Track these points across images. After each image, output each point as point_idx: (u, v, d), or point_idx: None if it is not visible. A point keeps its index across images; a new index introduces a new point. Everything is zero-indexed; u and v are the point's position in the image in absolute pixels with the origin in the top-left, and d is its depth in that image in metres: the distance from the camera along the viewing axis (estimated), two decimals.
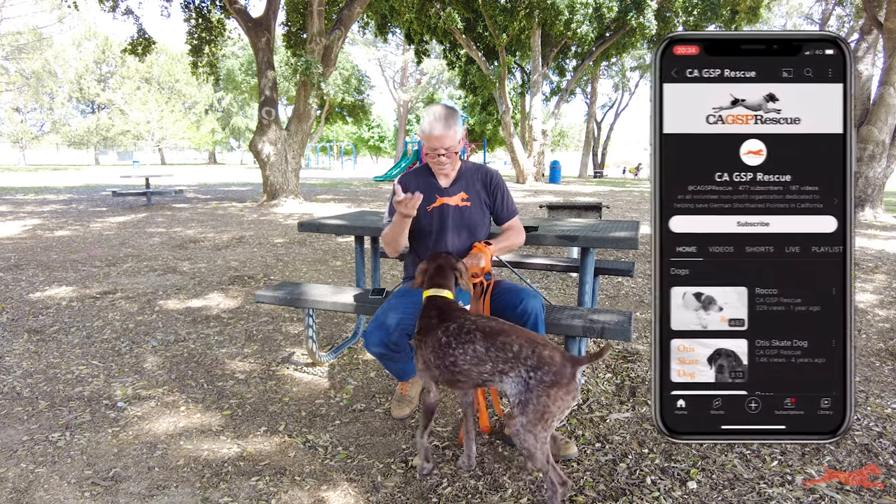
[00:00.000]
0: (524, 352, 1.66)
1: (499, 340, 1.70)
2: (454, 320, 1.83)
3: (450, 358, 1.78)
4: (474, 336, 1.74)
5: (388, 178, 23.54)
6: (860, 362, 3.00)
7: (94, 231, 8.02)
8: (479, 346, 1.73)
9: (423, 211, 2.32)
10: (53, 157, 61.49)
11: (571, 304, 4.25)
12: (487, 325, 1.77)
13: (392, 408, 2.49)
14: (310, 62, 10.68)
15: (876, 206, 9.70)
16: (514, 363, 1.66)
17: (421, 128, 2.26)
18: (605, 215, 9.40)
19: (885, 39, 9.10)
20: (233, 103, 45.93)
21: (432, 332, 1.86)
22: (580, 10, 15.72)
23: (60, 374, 2.93)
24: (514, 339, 1.69)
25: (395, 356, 2.25)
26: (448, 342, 1.79)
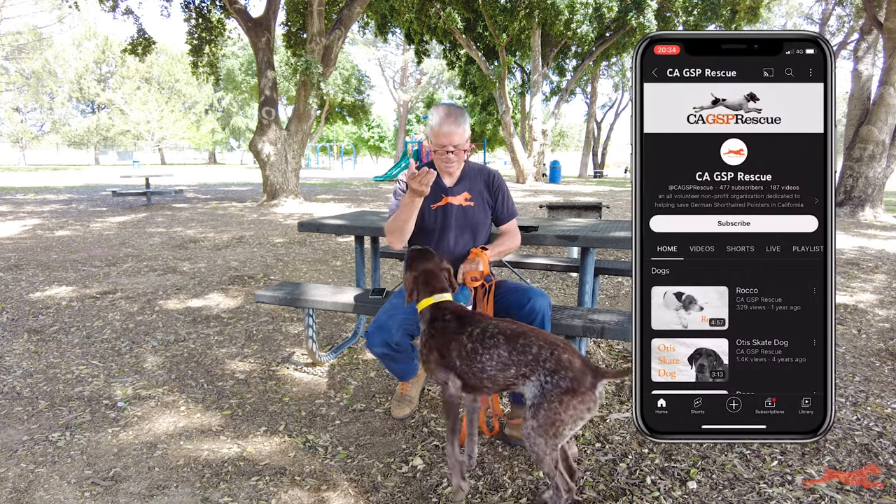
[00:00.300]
0: (543, 354, 1.62)
1: (520, 343, 1.66)
2: (475, 324, 1.78)
3: (477, 364, 1.73)
4: (498, 340, 1.70)
5: (388, 178, 23.54)
6: (860, 362, 3.00)
7: (94, 231, 8.02)
8: (502, 350, 1.68)
9: (427, 209, 2.32)
10: (53, 157, 61.48)
11: (571, 304, 4.25)
12: (509, 327, 1.73)
13: (392, 407, 2.48)
14: (310, 62, 10.68)
15: (876, 206, 9.69)
16: (533, 366, 1.62)
17: (430, 124, 2.25)
18: (605, 215, 9.40)
19: (885, 39, 9.10)
20: (233, 103, 45.92)
21: (455, 338, 1.80)
22: (580, 10, 15.72)
23: (60, 374, 2.93)
24: (533, 340, 1.65)
25: (397, 356, 2.25)
26: (475, 348, 1.73)
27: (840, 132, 22.17)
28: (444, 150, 2.23)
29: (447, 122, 2.20)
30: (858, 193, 9.65)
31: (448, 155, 2.25)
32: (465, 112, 2.28)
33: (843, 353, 3.14)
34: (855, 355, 3.10)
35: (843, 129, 12.55)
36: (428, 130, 2.29)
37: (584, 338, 2.49)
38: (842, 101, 20.00)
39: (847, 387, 2.69)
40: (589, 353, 3.08)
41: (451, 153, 2.24)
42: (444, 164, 2.30)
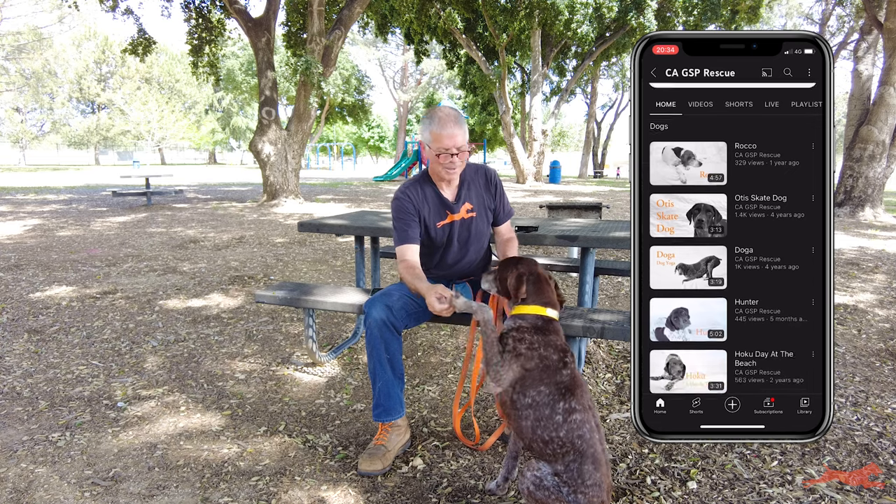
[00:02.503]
0: (571, 467, 1.48)
1: (584, 468, 1.48)
2: (576, 394, 1.57)
3: (546, 434, 1.54)
4: (571, 426, 1.52)
5: (388, 178, 23.53)
6: (860, 362, 3.00)
7: (95, 231, 8.02)
8: (570, 456, 1.51)
9: (434, 227, 2.28)
10: (53, 157, 61.51)
11: (571, 304, 4.25)
12: (593, 435, 1.53)
13: (361, 460, 2.02)
14: (310, 62, 10.68)
15: (876, 205, 9.69)
16: (559, 459, 1.51)
17: (430, 128, 2.12)
18: (605, 215, 9.41)
19: (885, 39, 9.10)
20: (233, 103, 45.91)
21: (544, 380, 1.60)
22: (580, 10, 15.73)
23: (60, 374, 2.93)
24: (587, 462, 1.49)
25: (392, 339, 2.10)
26: (552, 414, 1.55)
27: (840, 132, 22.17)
28: (448, 152, 2.12)
29: (449, 124, 2.09)
30: (858, 193, 9.65)
31: (452, 158, 2.14)
32: (462, 114, 2.24)
33: (843, 353, 3.14)
34: (855, 355, 3.10)
35: (843, 129, 12.54)
36: (426, 136, 2.15)
37: (584, 338, 2.49)
38: (842, 101, 19.99)
39: (847, 387, 2.69)
40: (589, 353, 3.08)
41: (455, 156, 2.13)
42: (447, 168, 2.17)
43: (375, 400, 2.14)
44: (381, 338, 2.09)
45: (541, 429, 1.55)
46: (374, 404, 2.15)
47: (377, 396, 2.13)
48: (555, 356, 1.64)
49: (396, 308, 2.11)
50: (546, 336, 1.69)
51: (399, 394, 2.15)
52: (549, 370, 1.62)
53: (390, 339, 2.10)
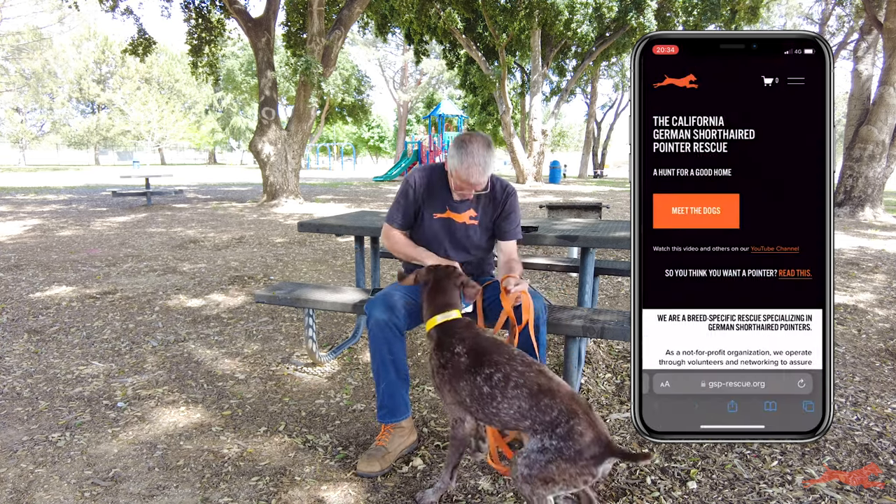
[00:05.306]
0: (559, 420, 1.52)
1: (543, 402, 1.56)
2: (497, 368, 1.66)
3: (492, 408, 1.65)
4: (521, 392, 1.60)
5: (389, 178, 23.53)
6: (860, 362, 3.00)
7: (95, 231, 8.02)
8: (524, 403, 1.60)
9: (429, 216, 2.28)
10: (53, 158, 61.45)
11: (571, 304, 4.24)
12: (535, 381, 1.61)
13: (360, 461, 2.02)
14: (310, 62, 10.68)
15: (876, 205, 9.70)
16: (545, 426, 1.54)
17: (457, 164, 2.10)
18: (605, 215, 9.40)
19: (885, 39, 9.10)
20: (233, 103, 45.91)
21: (467, 378, 1.71)
22: (580, 10, 15.72)
23: (60, 374, 2.93)
24: (556, 403, 1.55)
25: (395, 339, 2.08)
26: (492, 394, 1.64)
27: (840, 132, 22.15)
28: (463, 194, 2.21)
29: (475, 172, 2.08)
30: (858, 193, 9.65)
31: (464, 193, 2.21)
32: (492, 144, 2.14)
33: (843, 353, 3.14)
34: (855, 355, 3.10)
35: (843, 129, 12.55)
36: (452, 162, 2.13)
37: (584, 338, 2.49)
38: (842, 101, 19.99)
39: (847, 387, 2.69)
40: (589, 353, 3.08)
41: (467, 191, 2.20)
42: (458, 192, 2.24)
43: (379, 401, 2.12)
44: (384, 339, 2.07)
45: (488, 407, 1.66)
46: (378, 406, 2.13)
47: (381, 398, 2.11)
48: (457, 355, 1.76)
49: (398, 308, 2.11)
50: (441, 344, 1.81)
51: (404, 395, 2.13)
52: (459, 370, 1.74)
53: (393, 340, 2.08)
